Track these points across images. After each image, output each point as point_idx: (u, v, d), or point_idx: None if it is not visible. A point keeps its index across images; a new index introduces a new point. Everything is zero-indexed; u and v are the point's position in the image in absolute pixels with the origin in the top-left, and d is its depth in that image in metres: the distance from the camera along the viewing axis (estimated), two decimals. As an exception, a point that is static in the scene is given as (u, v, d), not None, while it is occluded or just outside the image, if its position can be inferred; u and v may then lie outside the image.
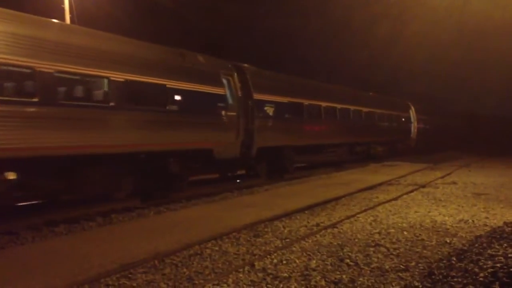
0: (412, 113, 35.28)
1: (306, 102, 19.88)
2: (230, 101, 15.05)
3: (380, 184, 15.32)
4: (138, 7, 34.29)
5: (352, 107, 24.74)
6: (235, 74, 15.67)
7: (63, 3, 19.89)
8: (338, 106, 22.91)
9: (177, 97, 12.85)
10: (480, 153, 34.03)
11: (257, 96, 16.45)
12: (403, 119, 33.97)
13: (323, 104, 21.34)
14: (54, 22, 10.95)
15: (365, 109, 26.64)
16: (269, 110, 17.22)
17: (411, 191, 13.42)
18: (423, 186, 14.59)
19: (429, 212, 10.07)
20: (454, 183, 15.40)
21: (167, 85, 12.46)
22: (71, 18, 19.79)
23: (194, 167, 14.24)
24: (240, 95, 15.53)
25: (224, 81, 14.99)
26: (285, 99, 18.33)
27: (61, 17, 19.20)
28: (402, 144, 33.31)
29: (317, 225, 8.79)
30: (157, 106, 12.30)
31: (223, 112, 14.64)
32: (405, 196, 12.58)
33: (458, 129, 48.02)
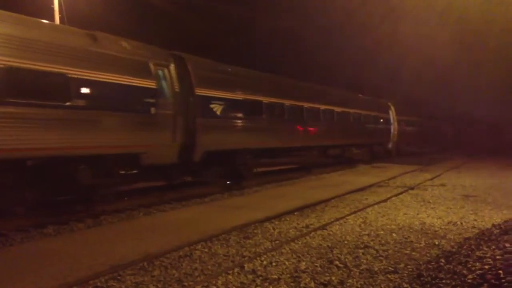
0: (392, 114, 33.30)
1: (265, 100, 17.52)
2: (163, 96, 12.74)
3: (370, 186, 15.38)
4: (130, 7, 34.10)
5: (322, 106, 22.34)
6: (172, 64, 13.29)
7: (52, 3, 19.76)
8: (305, 105, 20.57)
9: (86, 90, 10.52)
10: (469, 155, 34.30)
11: (201, 92, 14.08)
12: (382, 120, 31.53)
13: (287, 102, 19.08)
14: None
15: (338, 109, 24.24)
16: (218, 108, 14.97)
17: (400, 193, 13.49)
18: (412, 188, 14.66)
19: (418, 214, 10.13)
20: (443, 185, 15.50)
21: (69, 75, 10.07)
22: (60, 19, 19.67)
23: (115, 175, 11.80)
24: (178, 89, 13.18)
25: (156, 72, 12.63)
26: (239, 96, 15.99)
27: (51, 18, 19.06)
28: (381, 147, 31.53)
29: (307, 226, 8.81)
30: (55, 100, 9.91)
31: (153, 110, 12.27)
32: (394, 198, 12.64)
33: (443, 131, 48.08)
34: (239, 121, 15.97)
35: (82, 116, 10.40)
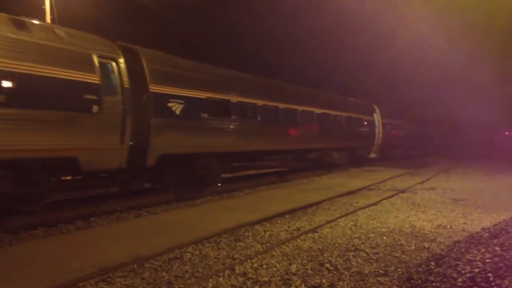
0: (377, 116, 31.88)
1: (234, 99, 16.19)
2: (109, 93, 11.30)
3: (361, 189, 15.42)
4: (121, 8, 34.01)
5: (299, 107, 20.87)
6: (122, 58, 11.87)
7: (44, 4, 19.65)
8: (281, 105, 19.22)
9: (6, 84, 9.20)
10: (457, 159, 34.49)
11: (157, 89, 12.80)
12: (366, 123, 29.96)
13: (259, 102, 17.68)
14: None
15: (317, 110, 22.71)
16: (178, 108, 13.49)
17: (391, 196, 13.54)
18: (403, 192, 14.72)
19: (408, 217, 10.17)
20: (433, 188, 15.58)
21: None
22: (52, 19, 19.56)
23: (45, 183, 10.49)
24: (128, 86, 11.75)
25: (101, 66, 11.20)
26: (202, 95, 14.58)
27: (42, 18, 18.95)
28: (364, 151, 30.28)
29: (298, 229, 8.81)
30: None
31: (95, 108, 10.81)
32: (384, 201, 12.68)
33: (431, 135, 48.08)
34: (202, 122, 14.59)
35: None
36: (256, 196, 13.82)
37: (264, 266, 6.30)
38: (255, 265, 6.37)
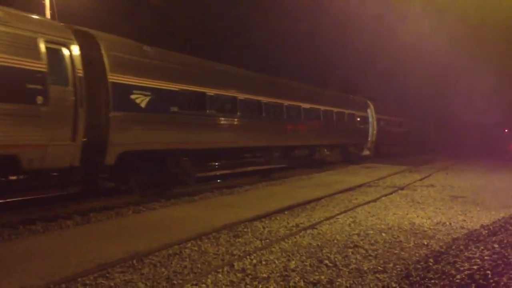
0: (371, 112, 30.58)
1: (211, 92, 14.84)
2: (57, 82, 10.04)
3: (360, 186, 15.43)
4: (121, 3, 33.90)
5: (286, 102, 19.68)
6: (75, 43, 10.59)
7: (43, -2, 19.59)
8: (264, 99, 17.96)
9: None
10: (456, 157, 34.49)
11: (118, 79, 11.47)
12: (359, 119, 28.55)
13: (240, 96, 16.44)
14: None
15: (306, 105, 21.43)
16: (143, 100, 12.18)
17: (390, 193, 13.55)
18: (402, 188, 14.74)
19: (407, 214, 10.18)
20: (432, 185, 15.60)
21: None
22: (51, 14, 19.51)
23: None
24: (82, 74, 10.47)
25: (49, 51, 9.90)
26: (174, 86, 13.30)
27: (42, 13, 18.91)
28: (357, 148, 28.97)
29: (297, 226, 8.82)
30: None
31: (40, 99, 9.52)
32: (384, 198, 12.69)
33: (428, 132, 47.75)
34: (173, 116, 13.28)
35: None
36: (256, 192, 13.83)
37: (263, 263, 6.31)
38: (254, 261, 6.38)
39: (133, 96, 11.96)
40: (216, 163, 17.47)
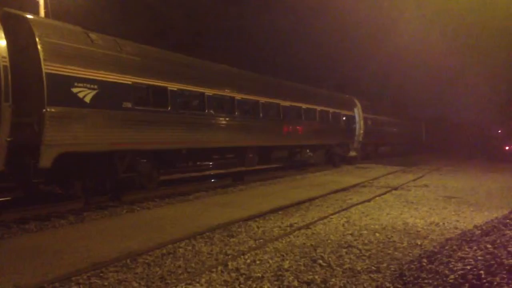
0: (358, 111, 29.07)
1: (173, 87, 13.45)
2: None
3: (354, 186, 15.47)
4: (120, 3, 33.76)
5: (262, 99, 18.22)
6: None
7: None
8: (237, 96, 16.61)
9: None
10: (450, 157, 34.61)
11: (55, 69, 10.00)
12: (344, 118, 26.90)
13: (209, 92, 15.00)
14: None
15: (285, 103, 20.03)
16: (87, 94, 10.71)
17: (384, 193, 13.58)
18: (396, 189, 14.78)
19: (401, 214, 10.20)
20: (426, 186, 15.65)
21: None
22: (45, 13, 19.42)
23: None
24: (7, 63, 9.27)
25: None
26: (126, 79, 11.83)
27: (36, 12, 18.82)
28: (343, 148, 27.16)
29: (291, 225, 8.82)
30: None
31: None
32: (378, 198, 12.72)
33: (421, 132, 47.28)
34: (126, 113, 11.80)
35: None
36: (250, 192, 13.83)
37: (257, 262, 6.30)
38: (248, 261, 6.37)
39: (75, 90, 10.46)
40: (184, 165, 15.59)
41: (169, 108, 13.27)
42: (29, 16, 10.33)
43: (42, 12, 19.39)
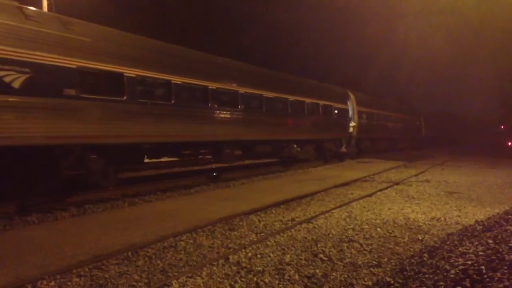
0: (352, 104, 27.82)
1: (131, 72, 12.00)
2: None
3: (355, 181, 15.46)
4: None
5: (241, 89, 16.79)
6: None
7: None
8: (211, 85, 15.10)
9: None
10: (451, 153, 34.53)
11: None
12: (336, 111, 25.45)
13: (176, 79, 13.56)
14: None
15: (268, 94, 18.57)
16: (15, 79, 9.28)
17: (385, 188, 13.57)
18: (397, 184, 14.76)
19: (402, 209, 10.20)
20: (428, 181, 15.63)
21: None
22: (48, 5, 19.40)
23: None
24: None
25: None
26: (69, 62, 10.49)
27: (38, 5, 18.79)
28: (335, 144, 25.94)
29: (292, 220, 8.82)
30: None
31: None
32: (379, 193, 12.71)
33: (420, 127, 46.71)
34: (69, 101, 10.41)
35: None
36: (251, 186, 13.84)
37: (258, 256, 6.31)
38: (249, 254, 6.38)
39: None
40: (150, 161, 14.34)
41: (126, 97, 11.86)
42: None
43: (45, 5, 19.39)
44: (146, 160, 14.11)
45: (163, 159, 15.28)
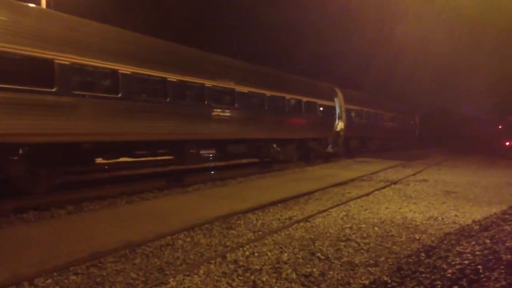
0: (339, 101, 26.24)
1: (65, 59, 10.24)
2: None
3: (353, 180, 15.47)
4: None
5: (208, 83, 15.02)
6: None
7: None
8: (170, 77, 13.39)
9: None
10: (448, 153, 34.54)
11: None
12: (322, 109, 23.83)
13: (125, 69, 11.78)
14: None
15: (242, 88, 16.93)
16: None
17: (383, 188, 13.58)
18: (395, 183, 14.78)
19: (400, 208, 10.21)
20: (425, 180, 15.65)
21: None
22: (47, 3, 19.34)
23: None
24: None
25: None
26: (18, 49, 9.26)
27: (37, 1, 18.73)
28: (321, 143, 24.52)
29: (290, 218, 8.83)
30: None
31: None
32: (376, 192, 12.72)
33: (414, 127, 46.22)
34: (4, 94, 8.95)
35: None
36: (249, 184, 13.83)
37: (256, 254, 6.31)
38: (247, 253, 6.38)
39: None
40: (94, 162, 12.79)
41: (56, 89, 10.07)
42: None
43: (43, 1, 19.32)
44: (100, 161, 12.92)
45: (120, 159, 13.74)
